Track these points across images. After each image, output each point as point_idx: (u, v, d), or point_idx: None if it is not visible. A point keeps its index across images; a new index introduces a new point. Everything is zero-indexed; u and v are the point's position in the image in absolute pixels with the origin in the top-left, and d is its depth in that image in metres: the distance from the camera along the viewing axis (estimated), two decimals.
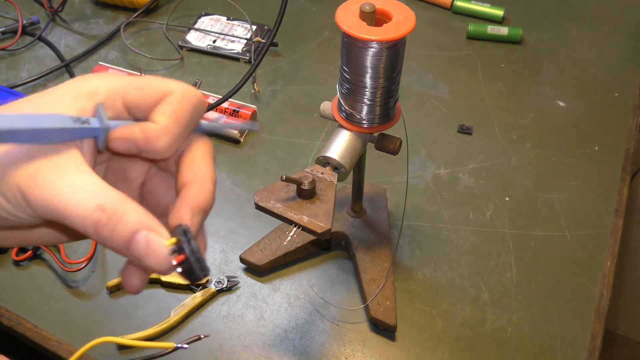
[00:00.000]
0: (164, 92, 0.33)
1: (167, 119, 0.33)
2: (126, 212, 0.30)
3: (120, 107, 0.33)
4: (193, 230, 0.32)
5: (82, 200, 0.29)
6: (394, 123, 0.57)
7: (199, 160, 0.35)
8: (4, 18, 1.01)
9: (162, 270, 0.30)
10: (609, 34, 0.99)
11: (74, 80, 0.33)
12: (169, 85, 0.34)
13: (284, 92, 0.89)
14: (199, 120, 0.36)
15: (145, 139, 0.32)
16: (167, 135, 0.32)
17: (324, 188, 0.53)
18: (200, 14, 1.01)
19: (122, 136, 0.32)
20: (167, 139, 0.32)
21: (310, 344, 0.62)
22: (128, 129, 0.32)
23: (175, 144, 0.33)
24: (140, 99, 0.33)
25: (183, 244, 0.30)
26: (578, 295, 0.65)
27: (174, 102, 0.33)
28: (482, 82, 0.91)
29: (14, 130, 0.28)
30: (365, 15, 0.49)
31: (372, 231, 0.68)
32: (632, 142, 0.82)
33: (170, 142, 0.33)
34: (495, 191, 0.76)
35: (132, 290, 0.34)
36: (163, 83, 0.34)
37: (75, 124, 0.30)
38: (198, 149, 0.35)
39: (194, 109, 0.34)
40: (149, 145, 0.32)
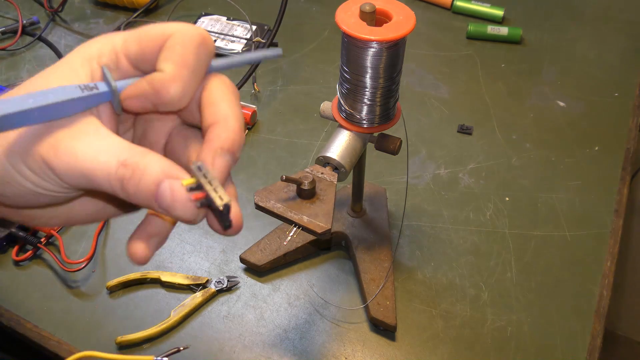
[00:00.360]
0: (163, 37, 0.32)
1: (172, 64, 0.31)
2: (148, 164, 0.29)
3: (126, 65, 0.32)
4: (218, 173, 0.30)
5: (104, 159, 0.29)
6: (394, 123, 0.57)
7: (217, 99, 0.33)
8: (4, 18, 1.01)
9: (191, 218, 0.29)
10: (609, 34, 0.99)
11: (79, 47, 0.32)
12: (167, 28, 0.32)
13: (284, 92, 0.89)
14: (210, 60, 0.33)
15: (155, 91, 0.31)
16: (177, 82, 0.31)
17: (324, 188, 0.53)
18: (200, 14, 1.01)
19: (132, 94, 0.31)
20: (178, 86, 0.31)
21: (310, 344, 0.62)
22: (136, 86, 0.31)
23: (187, 89, 0.31)
24: (141, 51, 0.32)
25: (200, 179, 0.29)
26: (578, 295, 0.65)
27: (176, 45, 0.31)
28: (482, 82, 0.91)
29: (22, 112, 0.27)
30: (365, 15, 0.49)
31: (372, 231, 0.68)
32: (632, 142, 0.82)
33: (181, 88, 0.31)
34: (495, 191, 0.76)
35: (138, 260, 0.33)
36: (161, 27, 0.32)
37: (83, 92, 0.29)
38: (215, 87, 0.33)
39: (199, 47, 0.32)
40: (160, 96, 0.31)
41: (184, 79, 0.31)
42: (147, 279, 0.66)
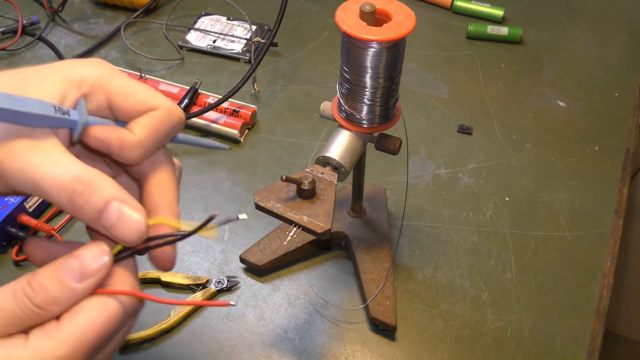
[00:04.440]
0: (149, 107, 0.35)
1: (145, 134, 0.34)
2: (102, 184, 0.31)
3: (103, 102, 0.35)
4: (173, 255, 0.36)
5: (59, 172, 0.31)
6: (394, 123, 0.57)
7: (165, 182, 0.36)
8: (4, 18, 1.01)
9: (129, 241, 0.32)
10: (609, 34, 0.99)
11: (63, 63, 0.34)
12: (156, 100, 0.35)
13: (284, 92, 0.89)
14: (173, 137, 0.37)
15: (119, 146, 0.34)
16: (140, 149, 0.34)
17: (324, 188, 0.53)
18: (200, 14, 1.01)
19: (99, 137, 0.34)
20: (140, 152, 0.34)
21: (310, 344, 0.62)
22: (106, 132, 0.34)
23: (145, 156, 0.35)
24: (124, 106, 0.35)
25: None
26: (578, 295, 0.65)
27: (156, 119, 0.35)
28: (482, 82, 0.91)
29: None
30: (365, 15, 0.49)
31: (372, 231, 0.68)
32: (632, 142, 0.82)
33: (141, 154, 0.35)
34: (495, 191, 0.76)
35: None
36: (151, 97, 0.35)
37: (56, 113, 0.31)
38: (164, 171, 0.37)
39: (173, 128, 0.36)
40: (121, 152, 0.34)
41: (147, 148, 0.35)
42: (147, 278, 0.66)
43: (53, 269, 0.31)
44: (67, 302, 0.31)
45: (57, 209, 0.72)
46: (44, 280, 0.31)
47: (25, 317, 0.31)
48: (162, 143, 0.36)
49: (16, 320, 0.30)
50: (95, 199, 0.31)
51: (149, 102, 0.35)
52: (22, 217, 0.69)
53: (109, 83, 0.34)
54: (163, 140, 0.36)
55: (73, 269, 0.31)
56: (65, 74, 0.33)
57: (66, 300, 0.31)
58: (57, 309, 0.31)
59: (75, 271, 0.31)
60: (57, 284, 0.31)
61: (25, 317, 0.31)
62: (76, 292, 0.31)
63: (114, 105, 0.35)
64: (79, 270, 0.31)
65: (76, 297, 0.31)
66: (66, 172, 0.31)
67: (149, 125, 0.35)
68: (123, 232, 0.32)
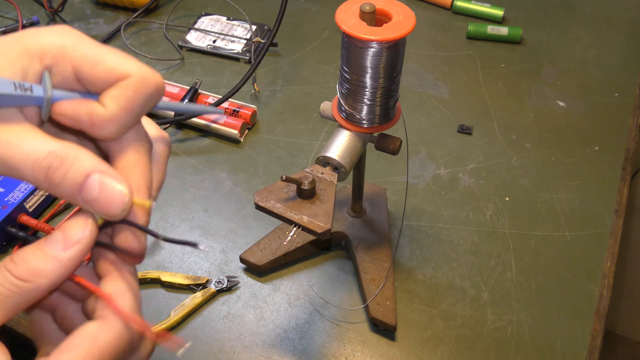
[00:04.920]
0: (119, 75, 0.31)
1: (118, 107, 0.31)
2: (79, 157, 0.29)
3: (69, 74, 0.31)
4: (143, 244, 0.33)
5: (32, 148, 0.29)
6: (394, 123, 0.57)
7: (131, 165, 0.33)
8: (4, 18, 1.01)
9: (113, 215, 0.30)
10: (609, 34, 0.99)
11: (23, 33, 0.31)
12: (126, 66, 0.31)
13: (284, 92, 0.89)
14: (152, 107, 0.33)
15: (90, 123, 0.31)
16: (115, 123, 0.31)
17: (324, 188, 0.53)
18: (200, 14, 1.01)
19: (67, 113, 0.31)
20: (114, 127, 0.31)
21: (310, 344, 0.62)
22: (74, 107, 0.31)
23: (121, 131, 0.32)
24: (92, 77, 0.31)
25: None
26: (578, 295, 0.65)
27: (129, 89, 0.31)
28: (482, 82, 0.91)
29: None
30: (365, 15, 0.49)
31: (372, 231, 0.68)
32: (632, 142, 0.82)
33: (117, 129, 0.31)
34: (495, 191, 0.76)
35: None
36: (120, 63, 0.31)
37: (16, 90, 0.29)
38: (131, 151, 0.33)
39: (149, 96, 0.32)
40: (94, 129, 0.31)
41: (122, 122, 0.31)
42: (147, 279, 0.66)
43: (36, 242, 0.30)
44: (53, 272, 0.29)
45: (57, 209, 0.72)
46: (25, 253, 0.29)
47: (9, 293, 0.29)
48: (139, 114, 0.32)
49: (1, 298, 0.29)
50: (74, 172, 0.29)
51: (118, 71, 0.31)
52: (22, 217, 0.69)
53: (73, 52, 0.31)
54: (140, 111, 0.32)
55: (56, 239, 0.30)
56: (24, 46, 0.30)
57: (52, 270, 0.29)
58: (43, 281, 0.29)
59: (59, 240, 0.30)
60: (40, 254, 0.29)
61: (9, 293, 0.29)
62: (62, 262, 0.29)
63: (81, 76, 0.31)
64: (62, 239, 0.30)
65: (63, 268, 0.30)
66: (39, 147, 0.29)
67: (120, 96, 0.31)
68: (106, 205, 0.30)
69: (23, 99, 0.29)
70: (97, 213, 0.30)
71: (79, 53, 0.31)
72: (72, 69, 0.31)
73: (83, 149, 0.30)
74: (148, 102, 0.32)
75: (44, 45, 0.30)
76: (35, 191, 0.71)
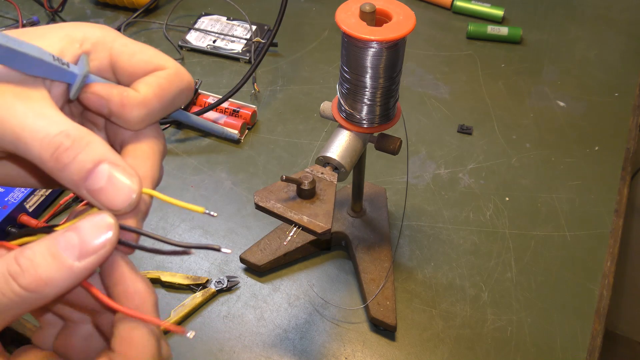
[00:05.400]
0: (156, 66, 0.32)
1: (151, 91, 0.31)
2: (93, 141, 0.28)
3: (106, 63, 0.32)
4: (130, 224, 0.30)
5: (44, 125, 0.27)
6: (394, 123, 0.57)
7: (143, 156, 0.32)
8: (4, 18, 1.01)
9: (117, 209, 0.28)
10: (609, 34, 0.99)
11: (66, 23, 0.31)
12: (164, 60, 0.32)
13: (284, 92, 0.89)
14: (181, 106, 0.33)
15: (120, 103, 0.30)
16: (144, 108, 0.31)
17: (324, 188, 0.53)
18: (200, 14, 1.01)
19: (98, 92, 0.30)
20: (143, 111, 0.31)
21: (310, 344, 0.62)
22: (106, 87, 0.31)
23: (148, 119, 0.31)
24: (129, 65, 0.31)
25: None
26: (578, 295, 0.65)
27: (163, 78, 0.31)
28: (482, 82, 0.91)
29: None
30: (365, 15, 0.49)
31: (372, 231, 0.68)
32: (632, 142, 0.82)
33: (144, 115, 0.31)
34: (495, 191, 0.76)
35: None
36: (158, 57, 0.32)
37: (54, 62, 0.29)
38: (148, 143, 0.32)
39: (181, 92, 0.32)
40: (122, 111, 0.30)
41: (152, 109, 0.31)
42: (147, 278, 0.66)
43: (47, 243, 0.27)
44: (62, 283, 0.26)
45: (57, 209, 0.72)
46: (34, 256, 0.26)
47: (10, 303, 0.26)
48: (168, 107, 0.32)
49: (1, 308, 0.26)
50: (84, 157, 0.27)
51: (155, 62, 0.32)
52: (22, 217, 0.69)
53: (113, 42, 0.31)
54: (169, 103, 0.32)
55: (71, 244, 0.27)
56: (67, 32, 0.30)
57: (62, 281, 0.26)
58: (50, 291, 0.26)
59: (74, 247, 0.27)
60: (52, 261, 0.26)
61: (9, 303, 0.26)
62: (74, 272, 0.27)
63: (117, 65, 0.31)
64: (79, 246, 0.27)
65: (73, 279, 0.27)
66: (53, 125, 0.27)
67: (155, 83, 0.31)
68: (111, 198, 0.28)
69: (58, 71, 0.29)
70: (99, 205, 0.28)
71: (120, 43, 0.32)
72: (109, 57, 0.31)
73: (98, 136, 0.28)
74: (179, 96, 0.32)
75: (86, 33, 0.31)
76: (36, 191, 0.71)
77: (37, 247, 0.27)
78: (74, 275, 0.27)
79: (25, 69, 0.28)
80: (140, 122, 0.31)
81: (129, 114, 0.30)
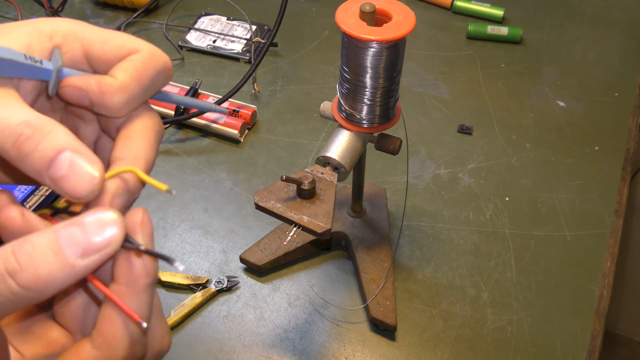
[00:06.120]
0: (129, 50, 0.32)
1: (128, 76, 0.31)
2: (54, 131, 0.27)
3: (79, 55, 0.32)
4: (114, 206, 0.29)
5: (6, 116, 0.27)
6: (394, 123, 0.57)
7: (136, 135, 0.32)
8: (4, 18, 1.01)
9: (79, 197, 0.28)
10: (609, 34, 0.99)
11: (36, 19, 0.31)
12: (137, 43, 0.32)
13: (284, 92, 0.89)
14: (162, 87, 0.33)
15: (99, 92, 0.30)
16: (124, 93, 0.30)
17: (324, 188, 0.53)
18: (200, 14, 1.01)
19: (76, 85, 0.30)
20: (123, 97, 0.30)
21: (310, 344, 0.62)
22: (83, 79, 0.30)
23: (130, 103, 0.31)
24: (103, 53, 0.31)
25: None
26: (578, 295, 0.65)
27: (138, 61, 0.31)
28: (482, 82, 0.91)
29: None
30: (365, 15, 0.49)
31: (372, 231, 0.68)
32: (632, 142, 0.82)
33: (125, 100, 0.31)
34: (495, 191, 0.76)
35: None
36: (130, 40, 0.32)
37: (26, 60, 0.29)
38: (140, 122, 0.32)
39: (158, 72, 0.32)
40: (103, 99, 0.30)
41: (132, 93, 0.31)
42: None
43: (49, 238, 0.26)
44: (63, 282, 0.25)
45: None
46: (34, 253, 0.25)
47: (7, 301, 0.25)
48: (148, 89, 0.32)
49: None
50: (45, 145, 0.27)
51: (128, 46, 0.31)
52: None
53: (84, 33, 0.31)
54: (149, 86, 0.32)
55: (75, 240, 0.26)
56: (34, 26, 0.30)
57: (62, 279, 0.25)
58: (50, 290, 0.25)
59: (78, 244, 0.26)
60: (53, 258, 0.25)
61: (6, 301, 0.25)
62: (76, 271, 0.26)
63: (91, 54, 0.31)
64: (83, 243, 0.26)
65: (75, 277, 0.26)
66: (14, 115, 0.27)
67: (131, 67, 0.31)
68: (73, 185, 0.27)
69: (32, 69, 0.29)
70: (63, 194, 0.28)
71: (89, 33, 0.32)
72: (82, 48, 0.31)
73: (61, 125, 0.28)
74: (157, 78, 0.32)
75: (54, 27, 0.31)
76: (36, 191, 0.71)
77: (37, 241, 0.26)
78: (75, 273, 0.26)
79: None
80: (122, 107, 0.31)
81: (109, 101, 0.30)
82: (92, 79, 0.30)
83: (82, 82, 0.30)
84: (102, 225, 0.27)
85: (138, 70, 0.31)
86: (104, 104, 0.30)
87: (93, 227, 0.26)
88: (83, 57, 0.32)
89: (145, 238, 0.29)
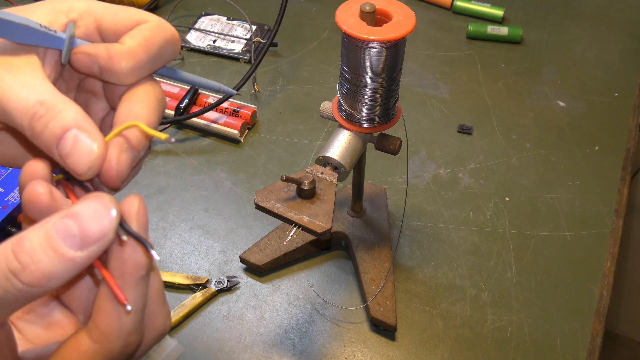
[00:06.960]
0: (138, 20, 0.33)
1: (135, 43, 0.32)
2: (64, 110, 0.29)
3: (92, 28, 0.33)
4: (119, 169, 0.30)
5: (25, 95, 0.29)
6: (394, 123, 0.57)
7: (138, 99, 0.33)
8: None
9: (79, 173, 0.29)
10: (609, 34, 0.99)
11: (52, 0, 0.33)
12: (145, 15, 0.34)
13: (284, 92, 0.89)
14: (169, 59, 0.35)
15: (108, 57, 0.31)
16: (132, 58, 0.32)
17: (324, 188, 0.53)
18: (200, 14, 1.01)
19: (86, 50, 0.32)
20: (131, 62, 0.32)
21: (310, 344, 0.62)
22: (93, 46, 0.32)
23: (138, 70, 0.32)
24: (113, 24, 0.33)
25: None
26: (578, 295, 0.65)
27: (146, 30, 0.33)
28: (482, 82, 0.91)
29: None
30: (365, 15, 0.49)
31: (372, 231, 0.68)
32: (632, 142, 0.82)
33: (133, 66, 0.32)
34: (495, 191, 0.76)
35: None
36: (140, 12, 0.34)
37: (41, 28, 0.31)
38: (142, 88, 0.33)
39: (166, 42, 0.33)
40: (111, 64, 0.31)
41: (139, 59, 0.32)
42: None
43: (45, 233, 0.26)
44: (65, 275, 0.26)
45: None
46: (34, 250, 0.25)
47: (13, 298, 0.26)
48: (155, 59, 0.33)
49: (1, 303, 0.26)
50: (54, 124, 0.29)
51: (137, 17, 0.33)
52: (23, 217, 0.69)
53: (97, 8, 0.34)
54: (156, 54, 0.33)
55: (71, 233, 0.26)
56: (53, 6, 0.33)
57: (64, 273, 0.26)
58: (53, 284, 0.26)
59: (75, 236, 0.26)
60: (53, 254, 0.25)
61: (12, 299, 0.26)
62: (77, 263, 0.26)
63: (102, 26, 0.33)
64: (79, 235, 0.26)
65: (76, 269, 0.26)
66: (32, 95, 0.29)
67: (139, 35, 0.32)
68: (75, 161, 0.29)
69: (46, 37, 0.31)
70: (69, 169, 0.29)
71: (102, 7, 0.33)
72: (95, 21, 0.33)
73: (73, 103, 0.30)
74: (164, 47, 0.33)
75: (71, 5, 0.33)
76: None
77: (35, 238, 0.26)
78: (76, 266, 0.26)
79: (14, 37, 0.30)
80: (129, 73, 0.32)
81: (117, 65, 0.32)
82: (101, 46, 0.32)
83: (92, 48, 0.32)
84: (97, 216, 0.26)
85: (146, 38, 0.32)
86: (111, 69, 0.32)
87: (88, 217, 0.26)
88: (96, 31, 0.33)
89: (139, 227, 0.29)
